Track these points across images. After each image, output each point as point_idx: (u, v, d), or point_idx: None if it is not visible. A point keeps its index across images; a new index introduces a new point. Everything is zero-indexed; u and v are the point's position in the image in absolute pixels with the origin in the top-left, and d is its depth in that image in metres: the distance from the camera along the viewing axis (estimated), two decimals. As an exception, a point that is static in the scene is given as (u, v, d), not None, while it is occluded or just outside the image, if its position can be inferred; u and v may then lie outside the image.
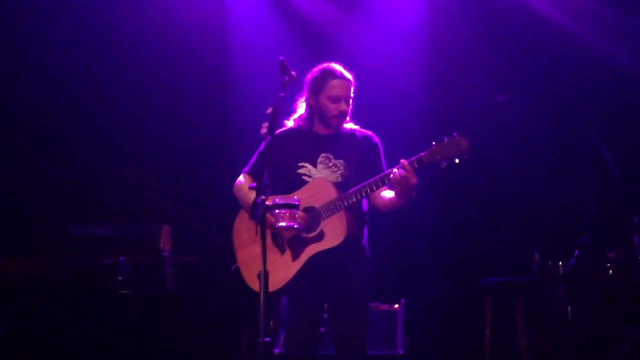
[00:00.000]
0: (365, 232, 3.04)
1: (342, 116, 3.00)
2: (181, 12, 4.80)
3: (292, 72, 2.89)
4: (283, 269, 2.85)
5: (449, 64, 4.83)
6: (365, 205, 3.03)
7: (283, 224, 2.67)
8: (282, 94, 2.86)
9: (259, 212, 2.48)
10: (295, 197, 2.79)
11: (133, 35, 4.75)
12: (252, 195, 2.76)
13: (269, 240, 2.86)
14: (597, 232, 4.19)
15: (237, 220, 3.05)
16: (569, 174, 4.63)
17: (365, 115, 4.31)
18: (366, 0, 4.96)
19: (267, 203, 2.52)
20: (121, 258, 3.60)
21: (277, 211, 2.67)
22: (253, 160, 3.10)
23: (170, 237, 4.00)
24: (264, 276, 2.41)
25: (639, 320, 3.87)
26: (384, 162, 3.04)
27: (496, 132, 4.73)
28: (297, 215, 2.70)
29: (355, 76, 3.09)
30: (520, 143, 4.71)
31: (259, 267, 2.80)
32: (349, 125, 3.09)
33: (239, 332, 4.14)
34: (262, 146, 3.05)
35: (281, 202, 2.66)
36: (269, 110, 2.81)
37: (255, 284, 2.85)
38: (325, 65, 3.05)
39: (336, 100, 2.98)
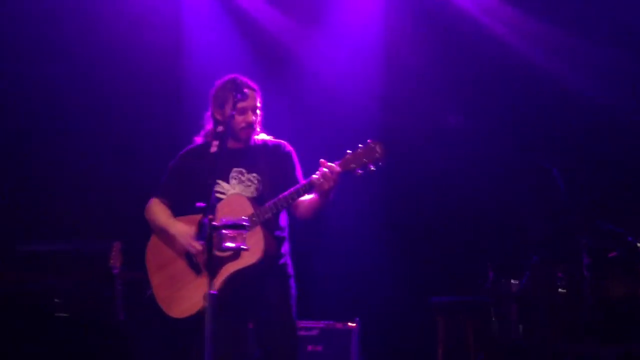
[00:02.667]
0: (286, 247, 3.00)
1: (250, 127, 2.94)
2: (136, 26, 4.75)
3: (245, 90, 2.88)
4: (200, 291, 2.72)
5: (404, 81, 4.88)
6: (283, 220, 2.99)
7: (231, 245, 2.63)
8: (233, 113, 2.85)
9: (205, 233, 2.44)
10: (243, 217, 2.76)
11: (88, 50, 4.68)
12: (173, 221, 2.75)
13: (184, 262, 2.79)
14: (547, 252, 4.27)
15: (149, 245, 2.99)
16: (520, 195, 4.71)
17: (320, 127, 4.30)
18: (324, 15, 4.99)
19: (214, 223, 2.48)
20: (59, 280, 3.48)
21: (224, 231, 2.63)
22: (164, 181, 3.01)
23: (122, 253, 3.92)
24: (210, 298, 2.36)
25: (589, 338, 3.94)
26: (298, 170, 2.99)
27: (449, 151, 4.79)
28: (244, 236, 2.67)
29: (311, 89, 3.05)
30: (473, 162, 4.78)
31: (173, 291, 2.78)
32: (261, 137, 3.03)
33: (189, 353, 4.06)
34: (171, 166, 3.01)
35: (229, 222, 2.63)
36: (220, 128, 2.79)
37: (171, 310, 2.82)
38: (228, 76, 2.99)
39: (243, 111, 2.92)
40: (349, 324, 4.16)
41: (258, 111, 2.98)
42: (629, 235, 3.83)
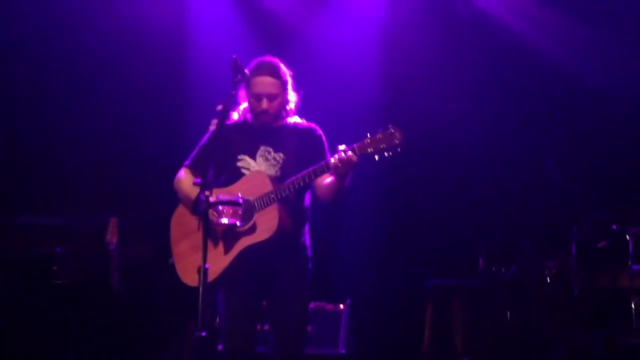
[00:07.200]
0: (306, 228, 3.04)
1: (264, 114, 2.97)
2: (140, 9, 4.76)
3: (245, 71, 2.90)
4: (214, 262, 2.80)
5: (408, 64, 4.87)
6: (306, 200, 3.02)
7: (225, 221, 2.68)
8: (233, 92, 2.88)
9: (201, 208, 2.49)
10: (240, 194, 2.81)
11: (88, 29, 4.70)
12: (195, 190, 2.75)
13: (201, 233, 2.81)
14: (538, 240, 4.33)
15: (175, 215, 3.04)
16: (515, 183, 4.77)
17: (324, 107, 4.33)
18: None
19: (210, 199, 2.53)
20: (58, 248, 3.55)
21: (220, 208, 2.68)
22: (195, 153, 3.07)
23: (118, 229, 3.96)
24: (203, 272, 2.43)
25: (574, 327, 4.02)
26: (327, 154, 3.01)
27: (448, 137, 4.83)
28: (239, 213, 2.72)
29: (316, 69, 3.00)
30: (470, 150, 4.82)
31: (191, 262, 2.82)
32: (293, 119, 3.07)
33: (183, 327, 4.13)
34: (204, 139, 3.05)
35: (225, 199, 2.68)
36: (219, 107, 2.82)
37: (188, 278, 2.88)
38: (258, 59, 3.02)
39: (257, 97, 2.96)
40: (339, 305, 4.23)
41: (290, 98, 3.01)
42: (614, 225, 3.89)
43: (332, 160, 2.77)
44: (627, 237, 3.85)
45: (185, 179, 3.03)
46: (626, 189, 4.40)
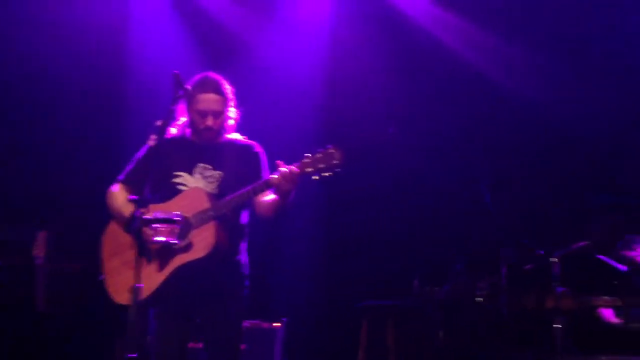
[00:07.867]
0: (243, 246, 3.02)
1: (209, 131, 2.97)
2: (82, 17, 4.66)
3: (187, 86, 2.88)
4: (148, 279, 2.74)
5: (350, 83, 4.95)
6: (244, 218, 3.01)
7: (162, 239, 2.64)
8: (173, 108, 2.86)
9: (136, 225, 2.43)
10: (177, 211, 2.77)
11: (26, 34, 4.55)
12: (129, 206, 2.69)
13: (135, 250, 2.73)
14: (470, 262, 4.46)
15: (107, 230, 2.98)
16: (448, 205, 4.90)
17: (268, 119, 4.31)
18: (275, 5, 4.99)
19: (146, 216, 2.48)
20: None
21: (155, 225, 2.63)
22: (130, 168, 3.02)
23: (47, 243, 3.83)
24: (135, 291, 2.37)
25: (503, 347, 4.14)
26: (264, 171, 3.01)
27: (384, 157, 4.92)
28: (176, 231, 2.67)
29: (260, 80, 3.01)
30: (407, 172, 4.92)
31: (122, 279, 2.77)
32: (232, 135, 3.07)
33: (112, 347, 4.01)
34: (139, 153, 3.00)
35: (161, 216, 2.63)
36: (159, 122, 2.78)
37: (118, 296, 2.82)
38: (201, 75, 3.01)
39: (202, 114, 2.96)
40: (274, 324, 4.21)
41: (231, 114, 3.00)
42: (540, 250, 4.04)
43: (274, 177, 2.77)
44: (552, 260, 4.01)
45: (118, 193, 2.97)
46: (553, 214, 4.60)
